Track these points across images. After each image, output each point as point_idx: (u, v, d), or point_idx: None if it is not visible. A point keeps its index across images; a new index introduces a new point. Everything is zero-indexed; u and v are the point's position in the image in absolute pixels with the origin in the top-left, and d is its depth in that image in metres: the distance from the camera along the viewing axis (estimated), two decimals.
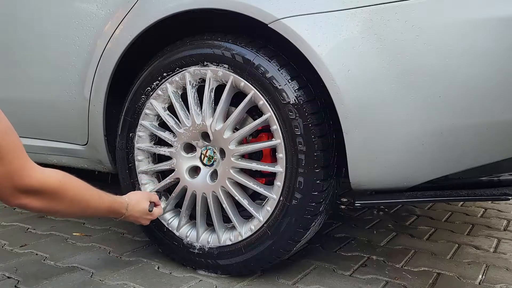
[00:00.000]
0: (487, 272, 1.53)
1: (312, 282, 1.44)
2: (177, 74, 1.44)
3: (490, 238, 1.87)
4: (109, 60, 1.54)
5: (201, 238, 1.48)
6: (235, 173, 1.39)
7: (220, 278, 1.47)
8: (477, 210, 2.28)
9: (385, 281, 1.45)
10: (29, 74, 1.80)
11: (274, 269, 1.49)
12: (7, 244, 1.73)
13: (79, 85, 1.63)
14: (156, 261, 1.58)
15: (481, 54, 1.12)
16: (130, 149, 1.56)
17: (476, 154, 1.20)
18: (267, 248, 1.37)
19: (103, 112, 1.60)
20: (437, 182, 1.25)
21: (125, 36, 1.49)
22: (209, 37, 1.39)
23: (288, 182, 1.31)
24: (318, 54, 1.18)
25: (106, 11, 1.55)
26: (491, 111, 1.15)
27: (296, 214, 1.32)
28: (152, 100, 1.50)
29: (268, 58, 1.30)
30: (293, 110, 1.27)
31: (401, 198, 1.28)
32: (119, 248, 1.70)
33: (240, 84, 1.34)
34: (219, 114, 1.38)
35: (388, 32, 1.14)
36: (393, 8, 1.13)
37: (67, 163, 1.84)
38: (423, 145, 1.18)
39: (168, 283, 1.42)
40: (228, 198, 1.43)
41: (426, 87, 1.14)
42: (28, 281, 1.41)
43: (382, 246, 1.76)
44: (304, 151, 1.28)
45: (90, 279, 1.44)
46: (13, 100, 1.86)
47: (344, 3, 1.17)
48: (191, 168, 1.49)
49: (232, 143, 1.38)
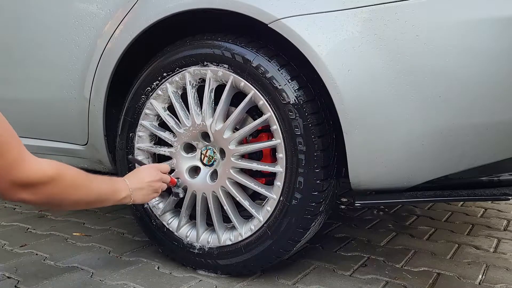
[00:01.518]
0: (487, 272, 1.53)
1: (312, 282, 1.44)
2: (177, 74, 1.44)
3: (490, 238, 1.87)
4: (109, 60, 1.54)
5: (201, 238, 1.48)
6: (235, 173, 1.39)
7: (220, 278, 1.47)
8: (477, 210, 2.28)
9: (385, 281, 1.45)
10: (29, 74, 1.80)
11: (274, 269, 1.49)
12: (7, 244, 1.73)
13: (79, 85, 1.63)
14: (156, 261, 1.58)
15: (481, 54, 1.12)
16: (130, 149, 1.56)
17: (476, 154, 1.20)
18: (267, 248, 1.37)
19: (103, 112, 1.60)
20: (437, 182, 1.25)
21: (125, 36, 1.49)
22: (209, 37, 1.39)
23: (288, 182, 1.31)
24: (318, 54, 1.18)
25: (106, 11, 1.55)
26: (491, 111, 1.15)
27: (296, 214, 1.32)
28: (152, 100, 1.50)
29: (268, 58, 1.30)
30: (293, 110, 1.27)
31: (401, 198, 1.28)
32: (119, 248, 1.70)
33: (240, 84, 1.34)
34: (219, 114, 1.38)
35: (388, 32, 1.14)
36: (393, 8, 1.13)
37: (67, 163, 1.83)
38: (423, 145, 1.18)
39: (168, 283, 1.42)
40: (228, 198, 1.43)
41: (426, 87, 1.14)
42: (28, 281, 1.41)
43: (382, 246, 1.76)
44: (304, 151, 1.28)
45: (90, 279, 1.44)
46: (13, 100, 1.86)
47: (344, 3, 1.17)
48: (191, 168, 1.49)
49: (232, 143, 1.38)
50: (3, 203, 2.31)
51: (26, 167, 1.01)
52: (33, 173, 1.02)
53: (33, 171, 1.02)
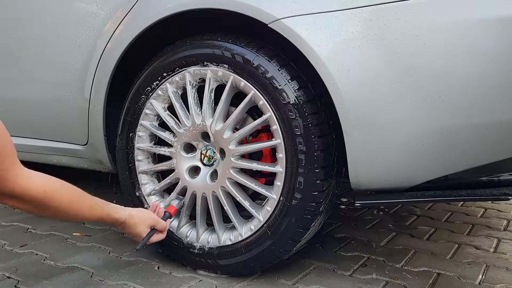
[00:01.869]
0: (487, 272, 1.53)
1: (312, 282, 1.44)
2: (177, 74, 1.44)
3: (490, 238, 1.87)
4: (109, 60, 1.54)
5: (201, 238, 1.48)
6: (235, 173, 1.39)
7: (220, 278, 1.47)
8: (477, 210, 2.28)
9: (385, 281, 1.45)
10: (29, 74, 1.80)
11: (274, 269, 1.49)
12: (7, 244, 1.73)
13: (79, 85, 1.63)
14: (156, 261, 1.58)
15: (481, 54, 1.12)
16: (130, 149, 1.56)
17: (476, 154, 1.20)
18: (267, 248, 1.37)
19: (103, 112, 1.60)
20: (437, 182, 1.25)
21: (125, 36, 1.49)
22: (209, 37, 1.39)
23: (288, 182, 1.31)
24: (318, 54, 1.18)
25: (106, 11, 1.55)
26: (491, 111, 1.15)
27: (296, 214, 1.32)
28: (152, 100, 1.50)
29: (268, 58, 1.30)
30: (293, 110, 1.27)
31: (401, 198, 1.28)
32: (119, 248, 1.70)
33: (240, 84, 1.34)
34: (219, 114, 1.38)
35: (388, 32, 1.14)
36: (393, 8, 1.13)
37: (67, 163, 1.84)
38: (423, 145, 1.18)
39: (168, 283, 1.42)
40: (228, 198, 1.43)
41: (426, 87, 1.14)
42: (28, 281, 1.41)
43: (382, 246, 1.76)
44: (304, 151, 1.28)
45: (90, 279, 1.44)
46: (13, 100, 1.86)
47: (344, 3, 1.17)
48: (191, 168, 1.49)
49: (232, 143, 1.38)
50: None
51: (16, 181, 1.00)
52: (20, 188, 1.01)
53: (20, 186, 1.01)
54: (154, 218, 1.39)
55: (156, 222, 1.39)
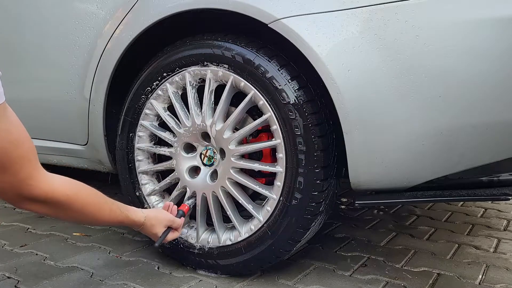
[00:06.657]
0: (487, 272, 1.53)
1: (312, 282, 1.44)
2: (177, 74, 1.44)
3: (490, 238, 1.87)
4: (109, 60, 1.54)
5: (201, 238, 1.48)
6: (235, 173, 1.39)
7: (220, 278, 1.47)
8: (477, 210, 2.28)
9: (385, 281, 1.45)
10: (29, 74, 1.80)
11: (274, 269, 1.49)
12: (7, 244, 1.73)
13: (79, 85, 1.63)
14: (156, 261, 1.58)
15: (481, 54, 1.12)
16: (130, 149, 1.56)
17: (476, 154, 1.20)
18: (267, 248, 1.37)
19: (103, 112, 1.60)
20: (437, 182, 1.25)
21: (125, 36, 1.49)
22: (209, 37, 1.39)
23: (288, 182, 1.31)
24: (318, 54, 1.18)
25: (106, 11, 1.55)
26: (491, 111, 1.15)
27: (296, 214, 1.32)
28: (152, 100, 1.50)
29: (268, 58, 1.30)
30: (293, 110, 1.27)
31: (401, 198, 1.28)
32: (119, 248, 1.70)
33: (240, 84, 1.34)
34: (219, 114, 1.38)
35: (388, 32, 1.14)
36: (393, 8, 1.13)
37: (67, 163, 1.84)
38: (423, 145, 1.18)
39: (168, 283, 1.42)
40: (228, 198, 1.43)
41: (426, 87, 1.14)
42: (28, 281, 1.41)
43: (382, 246, 1.76)
44: (304, 151, 1.28)
45: (90, 279, 1.44)
46: (13, 100, 1.84)
47: (344, 3, 1.17)
48: (191, 168, 1.49)
49: (232, 143, 1.38)
50: (3, 203, 2.30)
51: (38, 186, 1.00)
52: (43, 192, 1.01)
53: (43, 190, 1.01)
54: (170, 218, 1.39)
55: (172, 221, 1.40)
